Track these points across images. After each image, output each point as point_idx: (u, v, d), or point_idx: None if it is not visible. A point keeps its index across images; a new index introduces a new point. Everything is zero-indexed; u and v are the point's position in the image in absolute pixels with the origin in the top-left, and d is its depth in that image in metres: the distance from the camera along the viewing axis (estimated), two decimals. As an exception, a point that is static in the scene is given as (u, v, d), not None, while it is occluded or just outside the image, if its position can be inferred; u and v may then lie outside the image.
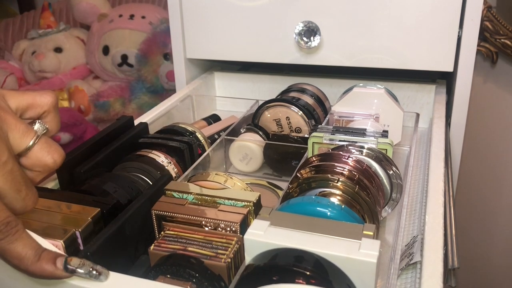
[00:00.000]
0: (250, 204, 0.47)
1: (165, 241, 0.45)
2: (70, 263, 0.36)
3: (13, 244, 0.35)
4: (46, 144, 0.37)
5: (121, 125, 0.66)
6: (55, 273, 0.36)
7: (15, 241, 0.35)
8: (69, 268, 0.36)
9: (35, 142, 0.36)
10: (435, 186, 0.55)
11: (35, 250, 0.36)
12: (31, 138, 0.36)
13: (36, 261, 0.35)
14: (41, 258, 0.36)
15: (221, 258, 0.42)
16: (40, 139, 0.37)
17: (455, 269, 0.61)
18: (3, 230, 0.34)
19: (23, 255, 0.35)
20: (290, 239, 0.38)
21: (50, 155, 0.37)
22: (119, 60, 1.35)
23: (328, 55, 0.82)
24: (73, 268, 0.36)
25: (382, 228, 0.57)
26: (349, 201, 0.47)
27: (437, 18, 0.74)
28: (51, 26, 1.50)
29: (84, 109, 1.40)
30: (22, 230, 0.36)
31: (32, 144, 0.36)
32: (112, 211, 0.47)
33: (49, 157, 0.37)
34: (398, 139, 0.69)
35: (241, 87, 0.96)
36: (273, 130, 0.75)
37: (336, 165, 0.50)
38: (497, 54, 1.05)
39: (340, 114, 0.70)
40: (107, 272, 0.38)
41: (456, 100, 0.79)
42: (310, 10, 0.80)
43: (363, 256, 0.36)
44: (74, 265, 0.36)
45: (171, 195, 0.50)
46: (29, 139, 0.36)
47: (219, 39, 0.88)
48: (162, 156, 0.62)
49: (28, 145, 0.36)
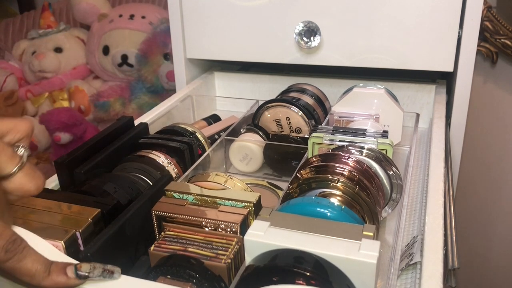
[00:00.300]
0: (250, 204, 0.47)
1: (165, 241, 0.45)
2: (81, 270, 0.36)
3: (22, 262, 0.35)
4: (30, 170, 0.37)
5: (121, 125, 0.66)
6: (68, 283, 0.36)
7: (24, 258, 0.35)
8: (82, 275, 0.36)
9: (21, 168, 0.36)
10: (435, 186, 0.55)
11: (45, 265, 0.36)
12: (16, 163, 0.36)
13: (47, 275, 0.35)
14: (51, 271, 0.36)
15: (221, 258, 0.42)
16: (25, 165, 0.37)
17: (455, 269, 0.61)
18: (11, 249, 0.34)
19: (34, 271, 0.35)
20: (290, 240, 0.38)
21: (34, 181, 0.37)
22: (119, 60, 1.35)
23: (328, 55, 0.82)
24: (85, 274, 0.36)
25: (382, 228, 0.57)
26: (349, 201, 0.47)
27: (437, 18, 0.74)
28: (51, 26, 1.50)
29: (84, 109, 1.40)
30: (29, 246, 0.36)
31: (17, 169, 0.36)
32: (112, 212, 0.47)
33: (33, 184, 0.37)
34: (398, 139, 0.69)
35: (241, 87, 0.96)
36: (273, 130, 0.75)
37: (336, 165, 0.50)
38: (497, 54, 1.05)
39: (340, 114, 0.70)
40: (118, 269, 0.38)
41: (456, 100, 0.79)
42: (310, 10, 0.80)
43: (363, 256, 0.36)
44: (85, 271, 0.36)
45: (171, 195, 0.50)
46: (15, 164, 0.36)
47: (219, 39, 0.88)
48: (162, 157, 0.62)
49: (13, 170, 0.36)
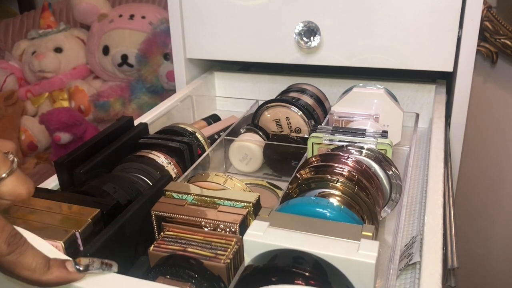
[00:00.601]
0: (250, 205, 0.47)
1: (164, 241, 0.45)
2: (80, 264, 0.37)
3: (23, 256, 0.35)
4: (21, 175, 0.38)
5: (121, 125, 0.66)
6: (69, 277, 0.37)
7: (25, 252, 0.35)
8: (82, 269, 0.37)
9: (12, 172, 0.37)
10: (435, 186, 0.55)
11: (44, 259, 0.36)
12: (8, 167, 0.37)
13: (47, 270, 0.36)
14: (51, 266, 0.36)
15: (220, 259, 0.42)
16: (16, 170, 0.37)
17: (455, 269, 0.61)
18: (12, 242, 0.34)
19: (35, 265, 0.35)
20: (289, 240, 0.38)
21: (26, 185, 0.38)
22: (119, 60, 1.35)
23: (328, 55, 0.82)
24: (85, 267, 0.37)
25: (381, 228, 0.57)
26: (348, 201, 0.47)
27: (437, 18, 0.74)
28: (51, 26, 1.50)
29: (84, 109, 1.40)
30: (28, 241, 0.36)
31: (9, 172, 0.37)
32: (112, 212, 0.47)
33: (24, 187, 0.38)
34: (397, 139, 0.69)
35: (241, 87, 0.96)
36: (273, 130, 0.75)
37: (336, 165, 0.50)
38: (497, 54, 1.04)
39: (340, 114, 0.70)
40: (115, 263, 0.39)
41: (456, 100, 0.79)
42: (310, 10, 0.80)
43: (362, 257, 0.36)
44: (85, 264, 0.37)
45: (170, 196, 0.50)
46: (7, 168, 0.37)
47: (219, 39, 0.88)
48: (162, 157, 0.62)
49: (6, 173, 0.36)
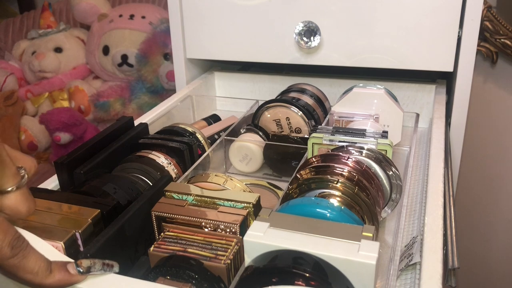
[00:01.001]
0: (250, 205, 0.47)
1: (165, 242, 0.45)
2: (82, 266, 0.37)
3: (26, 259, 0.35)
4: (27, 192, 0.38)
5: (121, 125, 0.66)
6: (71, 280, 0.37)
7: (28, 255, 0.35)
8: (83, 270, 0.37)
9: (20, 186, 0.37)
10: (435, 186, 0.55)
11: (46, 262, 0.36)
12: (17, 181, 0.37)
13: (49, 273, 0.36)
14: (52, 269, 0.36)
15: (220, 259, 0.42)
16: (24, 186, 0.37)
17: (455, 269, 0.61)
18: (16, 245, 0.35)
19: (37, 268, 0.35)
20: (289, 241, 0.38)
21: (27, 204, 0.37)
22: (119, 60, 1.35)
23: (328, 55, 0.82)
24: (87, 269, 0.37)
25: (381, 228, 0.57)
26: (348, 202, 0.47)
27: (437, 18, 0.74)
28: (51, 26, 1.50)
29: (84, 109, 1.40)
30: (30, 245, 0.36)
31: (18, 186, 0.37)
32: (112, 212, 0.47)
33: (26, 205, 0.37)
34: (398, 140, 0.69)
35: (241, 87, 0.96)
36: (273, 130, 0.75)
37: (336, 166, 0.50)
38: (497, 54, 1.04)
39: (340, 115, 0.70)
40: (116, 263, 0.39)
41: (456, 100, 0.79)
42: (310, 10, 0.80)
43: (362, 257, 0.36)
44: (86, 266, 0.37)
45: (171, 196, 0.50)
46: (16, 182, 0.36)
47: (219, 39, 0.88)
48: (162, 157, 0.62)
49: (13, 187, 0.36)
